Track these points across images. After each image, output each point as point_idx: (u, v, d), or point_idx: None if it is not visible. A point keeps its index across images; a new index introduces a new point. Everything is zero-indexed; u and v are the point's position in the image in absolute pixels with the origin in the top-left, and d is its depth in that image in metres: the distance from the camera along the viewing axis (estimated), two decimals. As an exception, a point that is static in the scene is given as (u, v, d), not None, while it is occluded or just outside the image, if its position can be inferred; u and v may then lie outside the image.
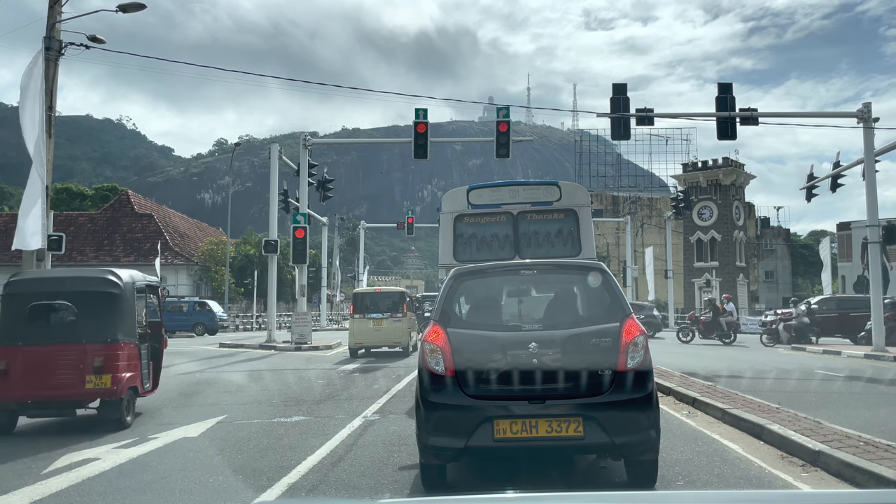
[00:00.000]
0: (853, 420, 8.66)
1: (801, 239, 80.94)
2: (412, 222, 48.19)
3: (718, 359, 20.32)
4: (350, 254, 71.69)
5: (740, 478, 6.20)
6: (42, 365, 8.87)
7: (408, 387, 12.59)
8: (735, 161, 65.54)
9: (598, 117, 23.02)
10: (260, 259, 28.42)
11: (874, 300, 22.98)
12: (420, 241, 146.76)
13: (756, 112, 22.05)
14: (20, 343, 8.92)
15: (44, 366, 8.87)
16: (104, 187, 71.91)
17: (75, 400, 8.98)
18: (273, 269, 26.51)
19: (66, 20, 16.74)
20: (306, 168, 27.59)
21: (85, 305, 9.09)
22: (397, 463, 6.76)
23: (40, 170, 15.30)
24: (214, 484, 6.13)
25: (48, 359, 8.90)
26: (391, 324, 20.84)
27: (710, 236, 64.55)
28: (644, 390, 5.40)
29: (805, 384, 13.97)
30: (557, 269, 6.48)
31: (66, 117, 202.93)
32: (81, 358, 8.90)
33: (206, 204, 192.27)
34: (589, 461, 6.60)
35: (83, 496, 5.84)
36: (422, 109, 23.55)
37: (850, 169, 25.79)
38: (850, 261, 52.29)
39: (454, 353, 5.45)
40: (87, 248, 47.72)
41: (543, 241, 10.31)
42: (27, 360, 8.89)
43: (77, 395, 8.91)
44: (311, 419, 9.47)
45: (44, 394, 8.80)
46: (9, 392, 8.72)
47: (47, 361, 8.88)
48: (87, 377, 8.81)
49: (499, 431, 5.25)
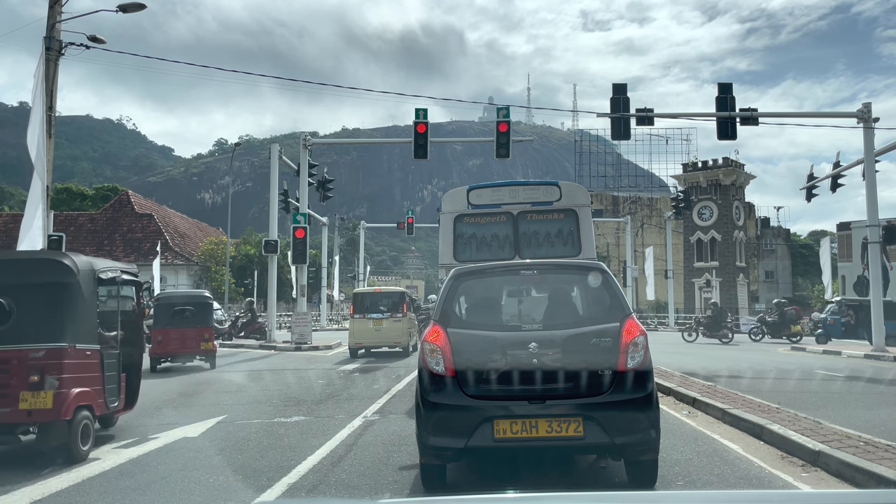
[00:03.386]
0: (853, 420, 8.66)
1: (801, 239, 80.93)
2: (412, 222, 48.17)
3: (718, 359, 20.32)
4: (350, 254, 71.68)
5: (740, 478, 6.19)
6: None
7: (408, 387, 12.59)
8: (735, 161, 65.54)
9: (598, 117, 23.05)
10: (260, 259, 28.39)
11: (874, 300, 22.97)
12: (420, 241, 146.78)
13: (756, 112, 22.06)
14: None
15: None
16: (104, 187, 71.93)
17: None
18: (273, 269, 26.52)
19: (65, 20, 16.74)
20: (306, 168, 27.59)
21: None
22: (397, 463, 6.76)
23: (40, 170, 15.31)
24: (214, 484, 6.13)
25: None
26: (391, 324, 20.83)
27: (710, 236, 64.55)
28: (644, 390, 5.40)
29: (805, 384, 13.97)
30: (557, 269, 6.47)
31: (66, 117, 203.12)
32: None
33: (206, 204, 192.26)
34: (589, 461, 6.60)
35: (83, 496, 5.84)
36: (422, 109, 23.56)
37: (850, 169, 25.80)
38: (850, 261, 52.25)
39: (454, 354, 5.45)
40: (87, 249, 47.62)
41: (543, 242, 10.31)
42: None
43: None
44: (311, 419, 9.47)
45: None
46: None
47: None
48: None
49: (499, 431, 5.24)
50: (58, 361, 6.97)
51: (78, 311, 7.36)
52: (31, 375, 6.84)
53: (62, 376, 6.93)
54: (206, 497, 5.76)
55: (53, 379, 6.87)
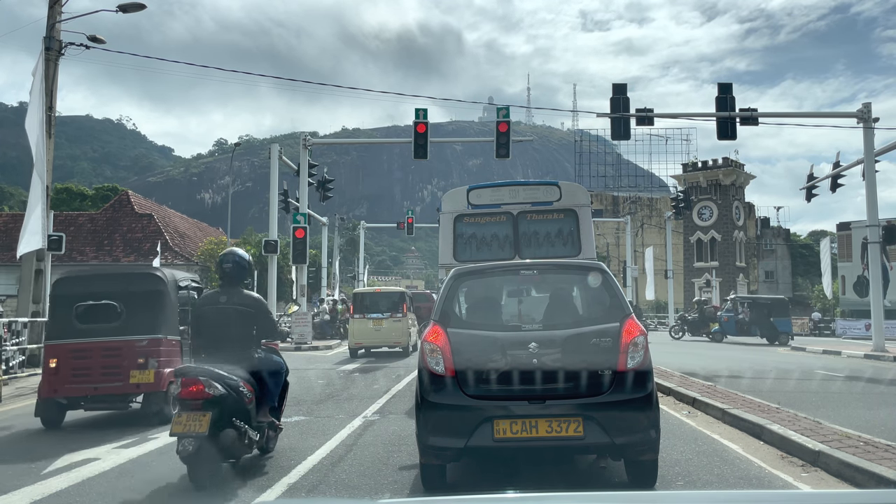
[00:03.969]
0: (853, 420, 8.66)
1: (800, 239, 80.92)
2: (412, 222, 48.15)
3: (718, 359, 20.33)
4: (350, 254, 71.62)
5: (740, 478, 6.19)
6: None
7: (408, 387, 12.59)
8: (735, 161, 65.58)
9: (598, 117, 23.06)
10: (260, 259, 28.40)
11: (874, 300, 22.97)
12: (420, 241, 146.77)
13: (756, 112, 22.06)
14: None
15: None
16: (104, 187, 71.90)
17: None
18: (273, 269, 26.51)
19: (65, 20, 16.74)
20: (306, 168, 27.60)
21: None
22: (397, 463, 6.76)
23: (40, 170, 15.31)
24: (214, 484, 6.12)
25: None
26: (391, 324, 20.85)
27: (710, 236, 64.57)
28: (644, 390, 5.40)
29: (805, 384, 13.98)
30: (557, 269, 6.47)
31: (66, 117, 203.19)
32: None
33: (206, 204, 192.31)
34: (589, 461, 6.59)
35: (83, 496, 5.84)
36: (422, 109, 23.57)
37: (850, 169, 25.80)
38: (849, 261, 52.27)
39: (454, 354, 5.45)
40: (87, 248, 47.68)
41: (543, 242, 10.30)
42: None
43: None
44: (311, 419, 9.47)
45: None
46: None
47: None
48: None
49: (499, 431, 5.24)
50: (156, 348, 9.24)
51: (167, 311, 9.51)
52: (139, 358, 9.14)
53: (159, 359, 9.22)
54: (206, 497, 5.76)
55: (154, 361, 9.18)
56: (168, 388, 8.97)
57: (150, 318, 9.32)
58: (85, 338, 9.24)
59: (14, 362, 14.61)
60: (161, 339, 9.31)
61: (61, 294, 9.67)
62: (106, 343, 9.23)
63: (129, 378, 9.10)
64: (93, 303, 9.24)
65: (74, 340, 9.23)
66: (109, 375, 9.16)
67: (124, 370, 9.12)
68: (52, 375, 9.16)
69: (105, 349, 9.24)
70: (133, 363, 9.11)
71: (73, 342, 9.23)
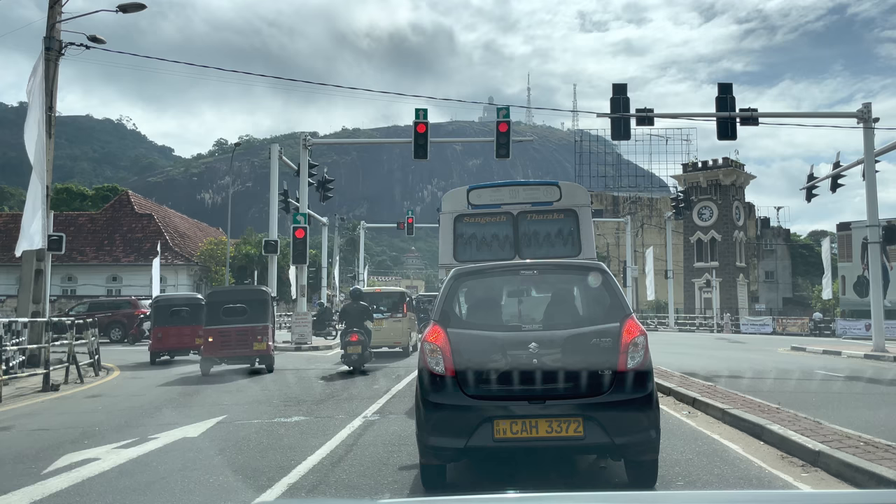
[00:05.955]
0: (853, 420, 8.66)
1: (801, 239, 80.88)
2: (412, 222, 48.15)
3: (718, 359, 20.34)
4: (350, 254, 71.64)
5: (740, 478, 6.19)
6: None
7: (408, 387, 12.59)
8: (735, 161, 65.52)
9: (598, 117, 23.04)
10: (260, 259, 28.42)
11: (874, 300, 22.97)
12: (420, 241, 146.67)
13: (756, 112, 22.06)
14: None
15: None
16: (104, 187, 71.93)
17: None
18: (273, 269, 26.51)
19: (65, 20, 16.74)
20: (306, 168, 27.59)
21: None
22: (397, 463, 6.76)
23: (40, 170, 15.30)
24: (214, 484, 6.12)
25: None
26: (391, 324, 20.83)
27: (710, 236, 64.54)
28: (644, 390, 5.39)
29: (805, 384, 13.98)
30: (557, 269, 6.46)
31: (66, 117, 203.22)
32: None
33: (206, 204, 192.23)
34: (589, 461, 6.59)
35: (83, 496, 5.83)
36: (422, 110, 23.58)
37: (850, 169, 25.80)
38: (850, 261, 52.28)
39: (454, 354, 5.44)
40: (88, 249, 47.70)
41: (543, 242, 10.30)
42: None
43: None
44: (311, 419, 9.47)
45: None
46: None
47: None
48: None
49: (499, 431, 5.24)
50: (265, 331, 16.18)
51: (270, 312, 16.85)
52: (258, 336, 16.03)
53: (266, 336, 16.17)
54: (206, 497, 5.76)
55: (265, 337, 16.13)
56: (272, 352, 16.60)
57: (262, 314, 16.30)
58: (227, 325, 15.95)
59: (14, 362, 14.59)
60: (268, 326, 16.30)
61: (212, 301, 16.51)
62: (239, 328, 15.94)
63: (253, 347, 15.94)
64: (231, 305, 16.22)
65: (221, 326, 15.90)
66: (241, 345, 15.86)
67: (249, 343, 15.93)
68: (210, 345, 15.76)
69: (238, 331, 15.92)
70: (254, 339, 15.95)
71: (220, 327, 15.90)
